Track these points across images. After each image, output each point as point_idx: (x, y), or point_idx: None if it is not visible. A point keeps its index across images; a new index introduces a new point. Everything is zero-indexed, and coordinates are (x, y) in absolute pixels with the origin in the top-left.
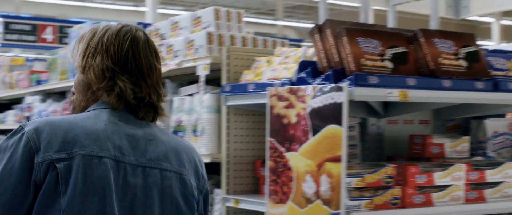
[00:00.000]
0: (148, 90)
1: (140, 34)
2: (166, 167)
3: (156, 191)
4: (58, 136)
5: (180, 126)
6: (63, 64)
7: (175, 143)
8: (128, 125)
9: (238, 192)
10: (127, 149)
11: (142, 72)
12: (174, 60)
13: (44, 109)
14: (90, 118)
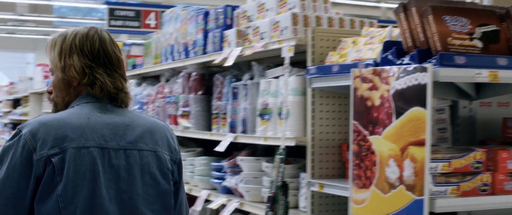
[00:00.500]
0: (120, 79)
1: (105, 34)
2: (143, 147)
3: (137, 169)
4: (51, 135)
5: (266, 109)
6: (157, 48)
7: (150, 125)
8: (107, 115)
9: (323, 176)
10: (109, 136)
11: (113, 64)
12: (260, 42)
13: (139, 92)
14: (75, 114)
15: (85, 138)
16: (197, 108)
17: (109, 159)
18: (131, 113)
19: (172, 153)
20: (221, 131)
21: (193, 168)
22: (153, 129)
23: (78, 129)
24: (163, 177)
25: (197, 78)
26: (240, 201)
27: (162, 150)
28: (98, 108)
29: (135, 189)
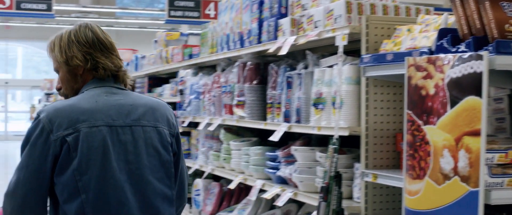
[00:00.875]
0: (117, 59)
1: (94, 25)
2: (146, 124)
3: (141, 142)
4: (65, 118)
5: (320, 99)
6: (213, 38)
7: (151, 104)
8: (113, 97)
9: (378, 167)
10: (116, 115)
11: (107, 49)
12: (314, 31)
13: (195, 82)
14: (84, 99)
15: (95, 118)
16: (252, 98)
17: (117, 135)
18: (134, 94)
19: (171, 128)
20: (275, 121)
21: (248, 157)
22: (154, 108)
23: (88, 111)
24: (164, 149)
25: (252, 67)
26: (294, 191)
27: (161, 125)
28: (104, 92)
29: (141, 160)
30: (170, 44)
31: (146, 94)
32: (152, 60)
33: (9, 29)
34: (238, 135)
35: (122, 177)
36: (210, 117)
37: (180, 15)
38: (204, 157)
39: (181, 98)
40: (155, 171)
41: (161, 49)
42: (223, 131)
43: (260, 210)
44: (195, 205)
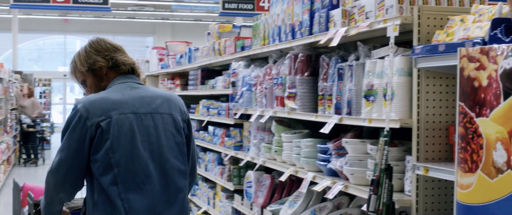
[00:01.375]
0: (129, 58)
1: (101, 37)
2: (163, 111)
3: (160, 126)
4: (98, 108)
5: (371, 90)
6: (265, 30)
7: (166, 96)
8: (135, 91)
9: (429, 160)
10: (139, 105)
11: (119, 50)
12: (365, 22)
13: (247, 74)
14: (112, 92)
15: (122, 107)
16: (303, 89)
17: (141, 121)
18: (151, 88)
19: (183, 115)
20: (326, 113)
21: (299, 150)
22: (169, 99)
23: (117, 102)
24: (177, 132)
25: (304, 59)
26: (345, 184)
27: (175, 113)
28: (128, 87)
29: (161, 141)
30: (222, 36)
31: (199, 86)
32: (205, 53)
33: (67, 23)
34: (289, 127)
35: (146, 154)
36: (261, 109)
37: (234, 7)
38: (256, 149)
39: (233, 90)
40: (172, 150)
41: (213, 41)
42: (275, 123)
43: (311, 202)
44: (246, 197)
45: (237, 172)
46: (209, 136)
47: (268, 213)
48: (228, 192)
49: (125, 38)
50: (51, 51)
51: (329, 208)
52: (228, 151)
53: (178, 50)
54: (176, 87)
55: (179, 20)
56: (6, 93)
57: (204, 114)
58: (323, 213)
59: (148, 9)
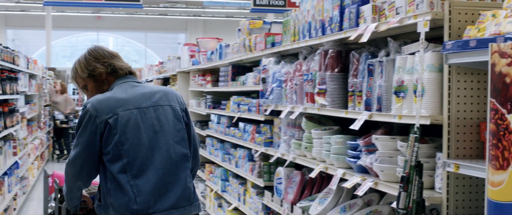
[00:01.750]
0: (125, 63)
1: (100, 45)
2: (163, 104)
3: (162, 116)
4: (105, 106)
5: (402, 86)
6: (295, 26)
7: (163, 90)
8: (136, 88)
9: (460, 157)
10: (141, 100)
11: (116, 57)
12: (396, 17)
13: (278, 70)
14: (116, 92)
15: (127, 104)
16: (333, 86)
17: (144, 114)
18: (149, 85)
19: (180, 105)
20: (356, 109)
21: (329, 146)
22: (166, 92)
23: (121, 100)
24: (177, 120)
25: (334, 55)
26: (375, 181)
27: (174, 104)
28: (129, 86)
29: (164, 129)
30: (253, 32)
31: (229, 83)
32: (235, 49)
33: (100, 20)
34: (319, 124)
35: (151, 144)
36: (292, 105)
37: (266, 3)
38: (286, 145)
39: (263, 86)
40: (174, 136)
41: (244, 37)
42: (305, 119)
43: (341, 199)
44: (276, 193)
45: (267, 168)
46: (240, 132)
47: (298, 210)
48: (258, 189)
49: (157, 34)
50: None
51: (359, 205)
52: (258, 148)
53: (209, 46)
54: (207, 84)
55: (211, 16)
56: (40, 89)
57: (235, 110)
58: (353, 210)
59: (180, 5)
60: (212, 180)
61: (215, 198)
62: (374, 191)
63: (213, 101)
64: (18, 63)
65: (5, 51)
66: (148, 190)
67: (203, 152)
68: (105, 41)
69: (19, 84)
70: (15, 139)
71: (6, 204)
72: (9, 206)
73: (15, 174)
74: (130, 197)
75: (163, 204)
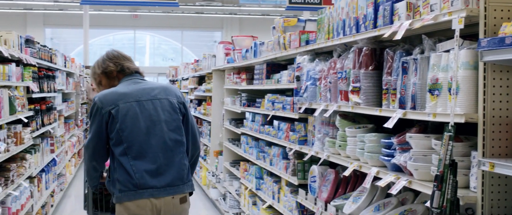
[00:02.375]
0: (134, 64)
1: (115, 49)
2: (161, 97)
3: (159, 108)
4: (109, 99)
5: (436, 84)
6: (329, 23)
7: (163, 86)
8: (137, 85)
9: (496, 155)
10: (141, 94)
11: (127, 58)
12: (430, 14)
13: (312, 68)
14: (120, 87)
15: (127, 97)
16: (367, 84)
17: (143, 106)
18: (151, 82)
19: (178, 98)
20: (390, 107)
21: (363, 144)
22: (166, 87)
23: (123, 94)
24: (174, 111)
25: (368, 53)
26: (409, 179)
27: (171, 97)
28: (132, 82)
29: (160, 118)
30: (287, 30)
31: (264, 81)
32: (270, 47)
33: (137, 18)
34: (354, 122)
35: (148, 131)
36: (326, 103)
37: (301, 1)
38: (320, 143)
39: (297, 84)
40: (169, 125)
41: (278, 35)
42: (339, 118)
43: (375, 198)
44: (310, 192)
45: (301, 166)
46: (274, 130)
47: (332, 208)
48: (292, 187)
49: (193, 33)
50: (121, 47)
51: (393, 203)
52: (292, 146)
53: (244, 44)
54: (242, 82)
55: (247, 14)
56: (77, 87)
57: (269, 108)
58: (387, 208)
59: (216, 4)
60: (247, 178)
61: (250, 196)
62: (409, 190)
63: (248, 99)
64: (55, 61)
65: (42, 49)
66: (145, 168)
67: (238, 149)
68: (142, 40)
69: (57, 83)
70: (52, 136)
71: (43, 201)
72: (46, 203)
73: (52, 171)
74: (130, 174)
75: (159, 182)
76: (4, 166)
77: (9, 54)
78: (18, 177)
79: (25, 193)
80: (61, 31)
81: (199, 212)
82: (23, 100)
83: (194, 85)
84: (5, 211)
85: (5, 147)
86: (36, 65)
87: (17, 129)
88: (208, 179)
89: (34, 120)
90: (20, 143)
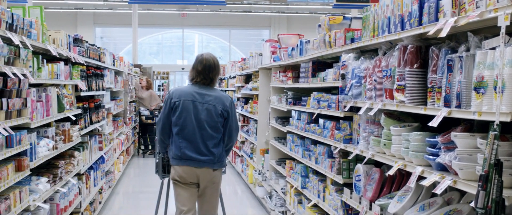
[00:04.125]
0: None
1: (208, 56)
2: (210, 103)
3: (205, 111)
4: (176, 94)
5: (482, 82)
6: (374, 21)
7: (217, 95)
8: (199, 89)
9: None
10: (197, 97)
11: (204, 72)
12: (475, 11)
13: (357, 66)
14: (187, 87)
15: (187, 96)
16: (412, 82)
17: (196, 106)
18: (213, 89)
19: (224, 107)
20: (435, 105)
21: (407, 143)
22: (218, 97)
23: (186, 93)
24: (216, 115)
25: (413, 51)
26: (454, 179)
27: (218, 105)
28: (197, 87)
29: (203, 118)
30: (333, 28)
31: (310, 79)
32: (315, 45)
33: (185, 17)
34: (399, 120)
35: (194, 124)
36: (370, 101)
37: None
38: (365, 142)
39: (342, 82)
40: (209, 124)
41: (324, 33)
42: (384, 116)
43: (420, 197)
44: (355, 190)
45: (346, 165)
46: (320, 128)
47: (376, 207)
48: (337, 185)
49: (241, 31)
50: (170, 45)
51: (438, 203)
52: (337, 144)
53: (290, 42)
54: (288, 80)
55: (295, 13)
56: (125, 86)
57: (315, 107)
58: (432, 208)
59: (264, 2)
60: (293, 176)
61: (295, 194)
62: (454, 190)
63: (294, 97)
64: (103, 60)
65: (91, 48)
66: (188, 147)
67: (284, 148)
68: (191, 38)
69: (105, 81)
70: (101, 134)
71: (91, 198)
72: (95, 200)
73: (100, 168)
74: (178, 148)
75: (196, 157)
76: (52, 163)
77: (57, 53)
78: (67, 174)
79: (73, 190)
80: (111, 30)
81: (246, 210)
82: (72, 99)
83: (241, 83)
84: (54, 207)
85: (53, 144)
86: (84, 63)
87: (66, 126)
88: (254, 177)
89: (83, 117)
90: (69, 140)
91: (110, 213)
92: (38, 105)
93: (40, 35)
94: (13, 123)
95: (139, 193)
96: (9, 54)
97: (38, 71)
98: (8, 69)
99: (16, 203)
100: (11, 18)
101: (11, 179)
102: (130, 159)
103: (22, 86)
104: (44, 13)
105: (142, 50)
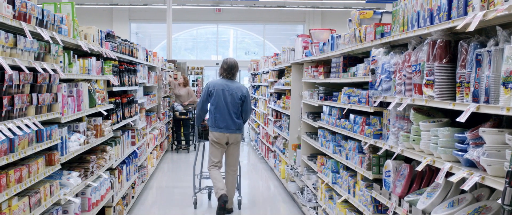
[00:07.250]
0: (230, 75)
1: (232, 60)
2: (233, 92)
3: (230, 96)
4: (213, 84)
5: (510, 77)
6: (404, 15)
7: (238, 86)
8: (226, 82)
9: None
10: (225, 86)
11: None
12: (504, 5)
13: (387, 61)
14: (219, 80)
15: (219, 86)
16: (441, 77)
17: (224, 93)
18: (234, 81)
19: (242, 94)
20: (464, 101)
21: (436, 139)
22: (238, 86)
23: (218, 84)
24: (237, 99)
25: (442, 45)
26: (482, 175)
27: (238, 92)
28: (225, 79)
29: (228, 102)
30: (363, 23)
31: (340, 74)
32: (346, 40)
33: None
34: (428, 115)
35: (224, 104)
36: (400, 96)
37: None
38: (395, 137)
39: (372, 78)
40: (232, 105)
41: (354, 28)
42: (413, 111)
43: (450, 193)
44: (385, 186)
45: (376, 160)
46: (350, 124)
47: (405, 204)
48: (367, 181)
49: (275, 26)
50: (205, 41)
51: (468, 200)
52: (367, 140)
53: (322, 37)
54: (320, 75)
55: (329, 8)
56: (159, 81)
57: (345, 102)
58: (461, 205)
59: None
60: (324, 171)
61: (326, 190)
62: (484, 186)
63: (325, 92)
64: (136, 55)
65: (123, 44)
66: (219, 119)
67: (315, 143)
68: (226, 34)
69: (138, 76)
70: (133, 129)
71: (124, 192)
72: (127, 194)
73: (133, 163)
74: (213, 120)
75: (225, 126)
76: (84, 157)
77: (89, 49)
78: (98, 168)
79: (105, 184)
80: (146, 26)
81: (278, 204)
82: (103, 94)
83: (274, 78)
84: (85, 201)
85: (84, 139)
86: (116, 59)
87: (97, 121)
88: (286, 172)
89: (115, 112)
90: (100, 135)
91: (142, 207)
92: (69, 101)
93: (71, 30)
94: (43, 118)
95: (173, 188)
96: (39, 49)
97: (69, 66)
98: (38, 64)
99: (46, 197)
100: (41, 14)
101: (41, 173)
102: (164, 154)
103: (52, 82)
104: (76, 9)
105: (177, 46)
